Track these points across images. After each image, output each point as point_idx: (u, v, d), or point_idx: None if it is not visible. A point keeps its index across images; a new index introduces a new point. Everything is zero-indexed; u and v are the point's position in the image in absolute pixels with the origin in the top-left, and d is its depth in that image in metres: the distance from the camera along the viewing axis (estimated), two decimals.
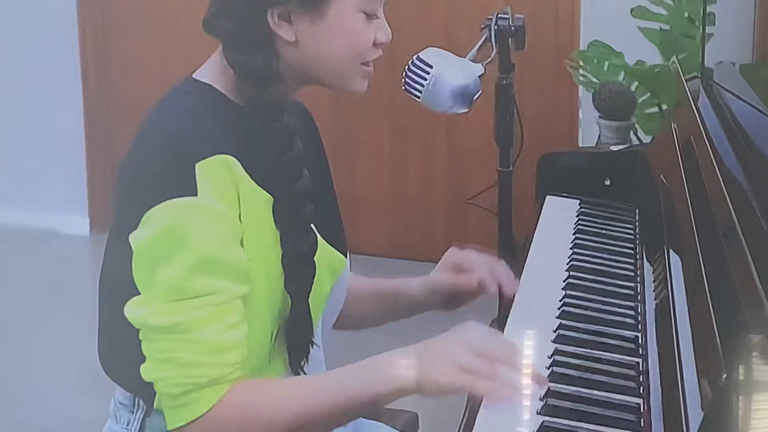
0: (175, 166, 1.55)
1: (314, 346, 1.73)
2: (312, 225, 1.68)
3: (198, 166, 1.53)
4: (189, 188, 1.53)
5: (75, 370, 3.72)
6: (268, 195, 1.62)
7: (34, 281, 4.69)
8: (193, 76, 1.71)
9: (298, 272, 1.66)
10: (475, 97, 2.19)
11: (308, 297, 1.68)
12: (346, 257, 1.81)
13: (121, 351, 1.69)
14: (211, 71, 1.69)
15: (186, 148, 1.55)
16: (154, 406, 1.66)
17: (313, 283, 1.68)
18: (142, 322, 1.56)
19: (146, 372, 1.57)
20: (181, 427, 1.57)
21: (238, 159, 1.57)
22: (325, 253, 1.73)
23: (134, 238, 1.57)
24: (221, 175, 1.55)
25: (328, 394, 1.60)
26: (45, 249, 5.07)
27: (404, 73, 2.17)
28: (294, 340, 1.70)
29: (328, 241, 1.74)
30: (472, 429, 1.45)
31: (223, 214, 1.55)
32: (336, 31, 1.66)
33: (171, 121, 1.62)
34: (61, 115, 5.21)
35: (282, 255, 1.64)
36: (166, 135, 1.59)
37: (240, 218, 1.58)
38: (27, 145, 5.27)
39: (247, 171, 1.58)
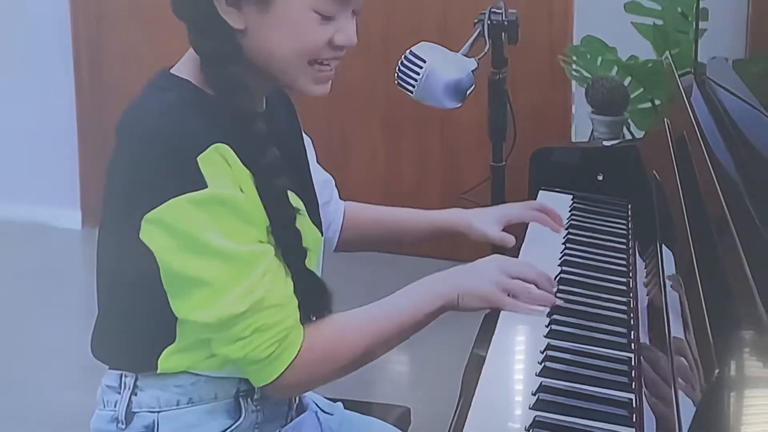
0: (177, 163, 1.59)
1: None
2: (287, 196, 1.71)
3: (199, 159, 1.58)
4: (198, 182, 1.58)
5: (66, 364, 3.72)
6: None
7: (26, 275, 4.69)
8: (171, 71, 1.73)
9: (287, 244, 1.71)
10: (468, 92, 2.19)
11: (303, 268, 1.73)
12: (321, 235, 1.87)
13: (118, 332, 1.79)
14: (187, 67, 1.72)
15: (184, 145, 1.59)
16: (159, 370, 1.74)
17: (303, 252, 1.72)
18: (222, 317, 1.61)
19: (233, 351, 1.65)
20: (275, 379, 1.67)
21: (227, 143, 1.62)
22: (306, 228, 1.77)
23: (153, 241, 1.61)
24: (220, 163, 1.60)
25: (397, 316, 1.75)
26: (37, 242, 5.07)
27: (397, 68, 2.17)
28: (308, 298, 1.74)
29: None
30: (464, 423, 1.45)
31: (234, 195, 1.61)
32: (281, 24, 1.65)
33: (159, 119, 1.64)
34: (54, 109, 5.20)
35: (271, 228, 1.68)
36: (155, 133, 1.62)
37: (242, 191, 1.64)
38: (19, 138, 5.27)
39: (234, 150, 1.63)
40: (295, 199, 1.72)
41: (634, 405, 1.49)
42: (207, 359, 1.72)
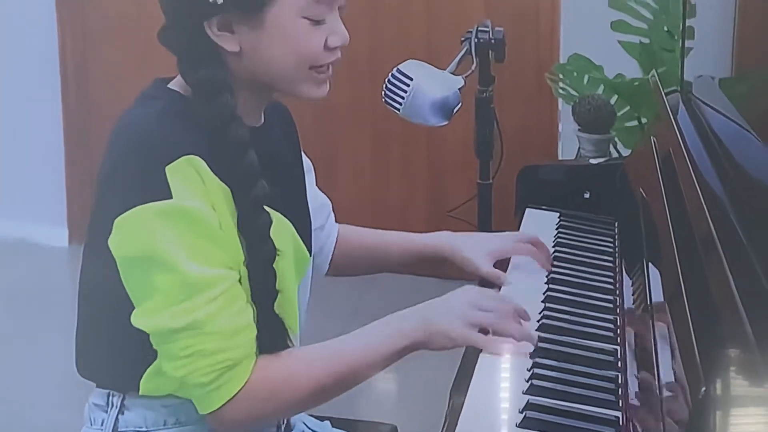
0: (146, 171, 1.58)
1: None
2: (269, 233, 1.68)
3: (168, 169, 1.57)
4: (163, 192, 1.56)
5: (54, 381, 3.71)
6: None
7: (13, 292, 4.67)
8: (168, 86, 1.73)
9: (260, 278, 1.68)
10: (454, 110, 2.19)
11: (272, 303, 1.69)
12: (310, 256, 1.85)
13: (100, 350, 1.77)
14: (180, 81, 1.71)
15: (154, 153, 1.59)
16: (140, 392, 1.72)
17: (274, 289, 1.69)
18: (160, 328, 1.59)
19: (173, 369, 1.61)
20: (217, 409, 1.62)
21: (205, 159, 1.60)
22: (299, 250, 1.76)
23: (115, 246, 1.60)
24: (190, 175, 1.59)
25: (350, 356, 1.69)
26: (24, 260, 5.05)
27: (384, 85, 2.17)
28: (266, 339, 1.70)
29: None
30: None
31: (201, 209, 1.58)
32: (277, 38, 1.65)
33: (138, 126, 1.65)
34: (41, 126, 5.18)
35: (245, 260, 1.66)
36: (134, 140, 1.63)
37: (214, 209, 1.61)
38: (6, 155, 5.25)
39: (214, 171, 1.61)
40: (283, 220, 1.71)
41: (621, 423, 1.49)
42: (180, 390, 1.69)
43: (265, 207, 1.66)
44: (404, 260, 2.18)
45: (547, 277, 2.05)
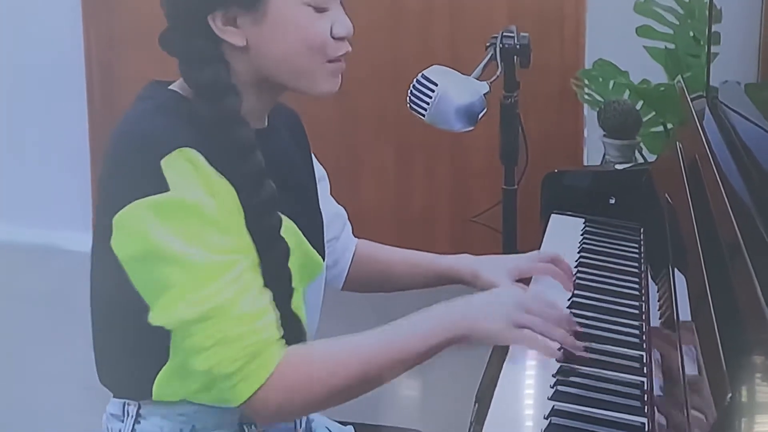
0: (141, 166, 1.57)
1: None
2: (280, 232, 1.68)
3: (163, 162, 1.56)
4: (160, 185, 1.55)
5: (75, 387, 3.71)
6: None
7: (38, 298, 4.68)
8: (168, 87, 1.73)
9: (273, 277, 1.66)
10: (480, 115, 2.19)
11: (288, 303, 1.68)
12: (323, 261, 1.83)
13: (113, 356, 1.76)
14: (180, 83, 1.72)
15: (148, 147, 1.58)
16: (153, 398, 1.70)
17: (290, 288, 1.68)
18: (178, 321, 1.57)
19: (199, 362, 1.58)
20: (248, 399, 1.59)
21: (200, 152, 1.59)
22: (306, 254, 1.75)
23: (117, 247, 1.59)
24: (186, 167, 1.57)
25: (389, 349, 1.65)
26: (49, 265, 5.07)
27: (409, 91, 2.18)
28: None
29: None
30: None
31: (199, 199, 1.57)
32: (282, 27, 1.64)
33: (131, 124, 1.65)
34: (66, 131, 5.21)
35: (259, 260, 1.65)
36: (127, 137, 1.63)
37: (214, 198, 1.60)
38: (32, 161, 5.28)
39: (212, 164, 1.60)
40: (289, 223, 1.70)
41: (646, 429, 1.48)
42: (201, 392, 1.66)
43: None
44: (423, 282, 2.12)
45: (572, 283, 2.05)
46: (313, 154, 1.96)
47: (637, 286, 2.06)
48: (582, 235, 2.35)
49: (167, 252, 1.54)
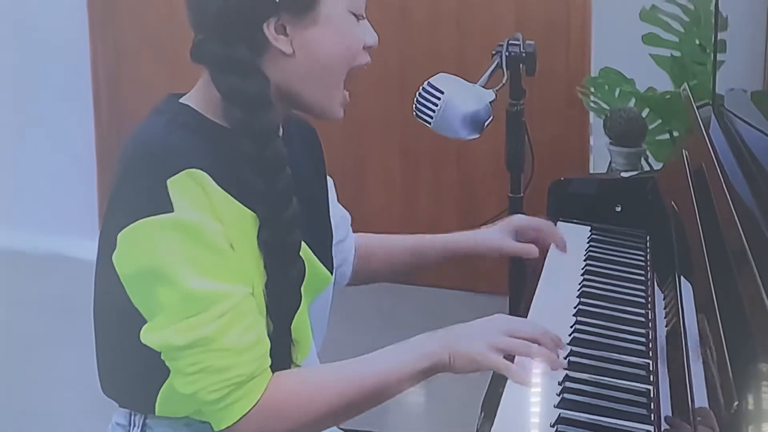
0: (147, 185, 1.56)
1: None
2: (299, 252, 1.67)
3: (169, 182, 1.54)
4: (164, 206, 1.54)
5: (81, 395, 3.71)
6: (251, 212, 1.62)
7: (44, 305, 4.69)
8: (180, 100, 1.71)
9: (282, 299, 1.66)
10: (486, 123, 2.19)
11: (290, 323, 1.68)
12: (331, 274, 1.83)
13: (117, 369, 1.74)
14: (195, 96, 1.70)
15: (156, 166, 1.56)
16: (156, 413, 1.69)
17: (296, 310, 1.68)
18: (165, 344, 1.56)
19: (182, 386, 1.58)
20: (230, 426, 1.59)
21: (211, 174, 1.57)
22: (313, 269, 1.74)
23: (118, 262, 1.58)
24: (192, 188, 1.56)
25: (368, 376, 1.63)
26: (56, 273, 5.07)
27: (415, 99, 2.17)
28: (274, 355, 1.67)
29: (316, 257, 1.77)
30: None
31: (203, 223, 1.55)
32: (330, 33, 1.65)
33: (142, 140, 1.63)
34: (73, 139, 5.22)
35: (266, 280, 1.64)
36: (137, 153, 1.61)
37: (221, 223, 1.58)
38: (38, 168, 5.29)
39: (224, 186, 1.58)
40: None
41: None
42: (195, 413, 1.66)
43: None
44: (427, 263, 2.19)
45: (578, 290, 2.05)
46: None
47: (643, 293, 2.06)
48: (588, 242, 2.35)
49: (163, 272, 1.53)
